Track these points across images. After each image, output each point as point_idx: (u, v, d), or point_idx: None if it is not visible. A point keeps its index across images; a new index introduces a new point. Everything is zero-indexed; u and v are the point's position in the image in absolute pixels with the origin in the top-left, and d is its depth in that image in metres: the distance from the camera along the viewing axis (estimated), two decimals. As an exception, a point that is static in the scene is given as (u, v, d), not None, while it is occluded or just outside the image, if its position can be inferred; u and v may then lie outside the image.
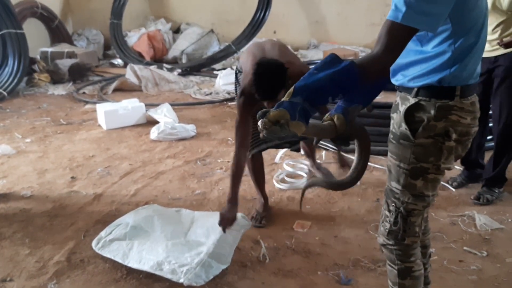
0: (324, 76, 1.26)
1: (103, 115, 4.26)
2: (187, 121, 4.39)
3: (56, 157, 3.64)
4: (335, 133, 1.42)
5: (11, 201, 2.90)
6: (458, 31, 1.30)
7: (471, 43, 1.33)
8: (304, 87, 1.24)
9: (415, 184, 1.45)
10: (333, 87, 1.26)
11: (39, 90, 5.82)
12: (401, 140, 1.44)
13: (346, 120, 1.43)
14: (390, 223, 1.51)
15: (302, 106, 1.20)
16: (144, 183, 3.14)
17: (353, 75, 1.25)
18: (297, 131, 1.18)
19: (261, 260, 2.24)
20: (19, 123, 4.53)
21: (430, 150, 1.40)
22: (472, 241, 2.36)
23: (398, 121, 1.45)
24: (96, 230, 2.52)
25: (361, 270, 2.15)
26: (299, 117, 1.18)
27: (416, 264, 1.55)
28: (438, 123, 1.37)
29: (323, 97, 1.26)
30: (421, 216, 1.51)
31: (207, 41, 7.43)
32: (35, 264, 2.24)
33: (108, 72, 6.73)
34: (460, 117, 1.38)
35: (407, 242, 1.51)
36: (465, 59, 1.34)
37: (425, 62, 1.36)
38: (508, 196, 2.82)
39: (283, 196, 2.90)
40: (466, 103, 1.39)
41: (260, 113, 1.17)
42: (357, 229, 2.51)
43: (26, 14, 6.78)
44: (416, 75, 1.39)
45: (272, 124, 1.14)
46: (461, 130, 1.40)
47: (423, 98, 1.39)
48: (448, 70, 1.34)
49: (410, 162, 1.43)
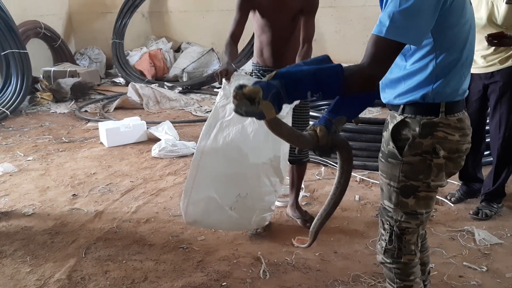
0: (308, 69, 1.24)
1: (104, 133, 4.30)
2: (188, 138, 4.42)
3: (57, 174, 3.66)
4: (316, 143, 1.42)
5: (13, 219, 2.92)
6: (439, 46, 1.31)
7: (454, 59, 1.34)
8: (286, 74, 1.21)
9: (406, 202, 1.44)
10: (314, 82, 1.22)
11: (42, 108, 5.88)
12: (389, 159, 1.44)
13: (328, 131, 1.42)
14: (386, 242, 1.51)
15: (278, 91, 1.17)
16: (145, 200, 3.16)
17: (337, 79, 1.23)
18: (266, 112, 1.15)
19: (262, 277, 2.25)
20: (21, 141, 4.57)
21: (418, 167, 1.40)
22: (471, 256, 2.37)
23: (387, 139, 1.46)
24: (97, 247, 2.53)
25: (361, 286, 2.15)
26: (271, 99, 1.15)
27: (415, 283, 1.53)
28: (424, 140, 1.37)
29: (302, 89, 1.21)
30: (416, 234, 1.50)
31: (207, 59, 7.52)
32: (36, 282, 2.25)
33: (110, 91, 6.80)
34: (447, 133, 1.37)
35: (403, 261, 1.50)
36: (448, 75, 1.34)
37: (408, 78, 1.37)
38: (507, 211, 2.83)
39: (282, 212, 2.92)
40: (452, 119, 1.38)
41: (238, 85, 1.16)
42: (357, 244, 2.52)
43: (30, 34, 6.88)
44: (401, 92, 1.40)
45: (244, 98, 1.14)
46: (449, 147, 1.39)
47: (409, 115, 1.39)
48: (431, 86, 1.34)
49: (400, 180, 1.43)
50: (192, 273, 2.24)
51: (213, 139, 2.23)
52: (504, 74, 2.59)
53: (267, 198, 2.38)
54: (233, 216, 2.28)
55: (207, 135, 2.24)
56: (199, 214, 2.26)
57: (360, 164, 3.54)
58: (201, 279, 2.20)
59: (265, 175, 2.31)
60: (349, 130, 3.61)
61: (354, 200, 3.06)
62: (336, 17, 7.08)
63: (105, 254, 2.46)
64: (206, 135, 2.25)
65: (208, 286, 2.16)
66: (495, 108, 2.67)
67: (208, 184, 2.23)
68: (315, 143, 1.41)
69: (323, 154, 1.47)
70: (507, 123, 2.66)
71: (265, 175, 2.31)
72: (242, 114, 1.15)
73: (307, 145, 1.42)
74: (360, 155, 3.59)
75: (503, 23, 2.50)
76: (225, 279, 2.20)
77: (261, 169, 2.28)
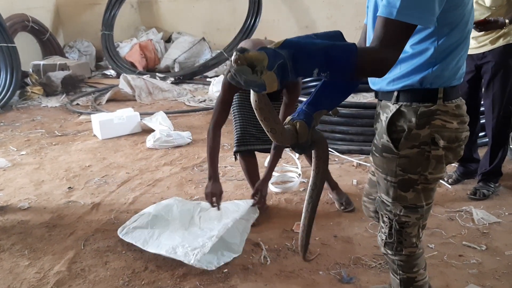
0: (321, 43, 1.08)
1: (98, 125, 4.26)
2: (182, 129, 4.40)
3: (52, 168, 3.62)
4: (295, 140, 1.28)
5: (9, 213, 2.88)
6: (442, 28, 1.23)
7: (455, 41, 1.26)
8: (296, 44, 1.05)
9: (405, 196, 1.37)
10: (326, 59, 1.06)
11: (32, 103, 5.81)
12: (384, 153, 1.36)
13: (308, 127, 1.29)
14: (386, 235, 1.46)
15: (285, 62, 1.02)
16: (142, 190, 3.14)
17: (350, 60, 1.08)
18: (268, 84, 1.00)
19: (263, 263, 2.24)
20: (13, 136, 4.52)
21: (416, 160, 1.32)
22: (470, 236, 2.38)
23: (380, 131, 1.37)
24: (96, 239, 2.52)
25: (362, 268, 2.16)
26: (276, 70, 1.00)
27: (419, 274, 1.49)
28: (421, 131, 1.29)
29: (310, 65, 1.05)
30: (417, 226, 1.43)
31: (198, 49, 7.46)
32: (35, 275, 2.23)
33: (101, 83, 6.74)
34: (445, 121, 1.30)
35: (405, 253, 1.46)
36: (447, 58, 1.27)
37: (406, 61, 1.28)
38: (504, 190, 2.85)
39: (281, 198, 2.91)
40: (451, 106, 1.31)
41: (239, 48, 1.00)
42: (356, 228, 2.52)
43: (17, 28, 6.78)
44: (396, 77, 1.31)
45: (246, 63, 0.98)
46: (448, 135, 1.31)
47: (404, 103, 1.30)
48: (430, 69, 1.27)
49: (397, 174, 1.35)
50: (192, 261, 2.23)
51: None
52: (495, 54, 2.59)
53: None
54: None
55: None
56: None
57: (357, 149, 3.54)
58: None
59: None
60: (344, 115, 3.61)
61: (352, 185, 3.06)
62: (327, 2, 7.05)
63: (104, 245, 2.44)
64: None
65: (209, 273, 2.15)
66: (488, 88, 2.68)
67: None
68: (295, 140, 1.28)
69: (302, 152, 1.35)
70: (501, 103, 2.67)
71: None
72: (240, 82, 1.00)
73: (286, 141, 1.27)
74: (356, 139, 3.59)
75: (491, 5, 2.51)
76: (226, 266, 2.19)
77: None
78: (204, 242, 2.21)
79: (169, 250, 2.20)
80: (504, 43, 2.56)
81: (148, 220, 2.46)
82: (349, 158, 3.46)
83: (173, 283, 2.10)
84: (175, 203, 2.60)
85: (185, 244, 2.22)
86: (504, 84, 2.63)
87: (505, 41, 2.56)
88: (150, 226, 2.43)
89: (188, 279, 2.12)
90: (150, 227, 2.43)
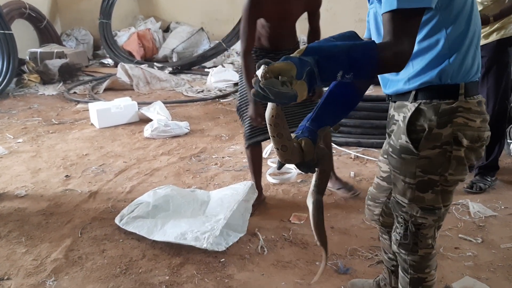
0: (342, 45, 1.06)
1: (95, 114, 4.25)
2: (180, 119, 4.39)
3: (49, 156, 3.61)
4: (301, 159, 1.21)
5: (5, 201, 2.88)
6: (446, 17, 1.21)
7: (463, 30, 1.23)
8: (318, 49, 1.02)
9: (423, 197, 1.32)
10: (349, 60, 1.03)
11: (29, 90, 5.77)
12: (403, 154, 1.30)
13: (314, 145, 1.23)
14: (401, 236, 1.41)
15: (312, 69, 0.99)
16: (139, 180, 3.13)
17: (372, 57, 1.05)
18: (300, 93, 0.96)
19: (260, 253, 2.25)
20: (10, 123, 4.49)
21: (438, 161, 1.27)
22: (466, 229, 2.40)
23: (397, 132, 1.31)
24: (93, 227, 2.52)
25: (359, 259, 2.17)
26: (306, 78, 0.97)
27: (430, 275, 1.46)
28: (443, 130, 1.24)
29: (335, 68, 1.03)
30: (434, 228, 1.39)
31: (197, 39, 7.42)
32: (32, 262, 2.23)
33: (99, 72, 6.70)
34: (468, 119, 1.24)
35: (420, 254, 1.41)
36: (462, 48, 1.23)
37: (417, 58, 1.25)
38: (500, 184, 2.87)
39: (278, 189, 2.92)
40: (473, 102, 1.25)
41: (263, 61, 0.97)
42: (353, 219, 2.53)
43: (14, 15, 6.71)
44: (411, 75, 1.26)
45: (273, 76, 0.94)
46: (471, 135, 1.25)
47: (423, 101, 1.25)
48: (447, 60, 1.22)
49: (417, 176, 1.29)
50: (190, 250, 2.23)
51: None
52: (488, 49, 2.60)
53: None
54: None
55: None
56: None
57: (354, 141, 3.55)
58: (199, 256, 2.20)
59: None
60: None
61: (349, 177, 3.07)
62: (327, -6, 7.01)
63: (101, 234, 2.45)
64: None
65: (206, 262, 2.16)
66: (482, 83, 2.68)
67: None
68: (301, 159, 1.21)
69: (308, 170, 1.25)
70: (495, 98, 2.67)
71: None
72: (267, 98, 0.94)
73: (294, 160, 1.20)
74: (354, 132, 3.59)
75: (482, 0, 2.52)
76: (223, 256, 2.20)
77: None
78: (212, 226, 2.29)
79: (178, 236, 2.24)
80: (498, 37, 2.57)
81: (148, 210, 2.48)
82: (347, 151, 3.47)
83: (170, 272, 2.10)
84: (172, 193, 2.61)
85: (193, 229, 2.27)
86: (498, 79, 2.64)
87: (498, 36, 2.57)
88: (151, 216, 2.45)
89: (186, 268, 2.13)
90: (151, 217, 2.45)
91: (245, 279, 2.05)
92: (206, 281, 2.03)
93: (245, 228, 2.39)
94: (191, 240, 2.22)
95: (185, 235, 2.25)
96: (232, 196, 2.52)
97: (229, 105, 4.99)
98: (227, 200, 2.50)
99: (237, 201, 2.46)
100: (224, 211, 2.41)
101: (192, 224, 2.34)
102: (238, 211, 2.42)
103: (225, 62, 6.85)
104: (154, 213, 2.48)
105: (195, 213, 2.51)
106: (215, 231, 2.25)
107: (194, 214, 2.50)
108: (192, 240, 2.22)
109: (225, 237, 2.27)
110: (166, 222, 2.39)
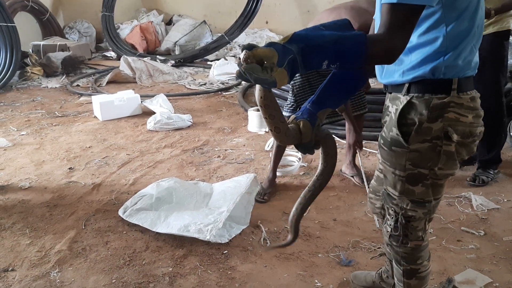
0: (329, 34, 1.05)
1: (98, 107, 4.25)
2: (182, 112, 4.39)
3: (52, 148, 3.62)
4: (299, 140, 1.23)
5: (9, 192, 2.89)
6: (449, 15, 1.19)
7: (464, 29, 1.21)
8: (304, 37, 1.02)
9: (413, 190, 1.33)
10: (335, 51, 1.03)
11: (32, 83, 5.78)
12: (393, 147, 1.31)
13: (312, 126, 1.23)
14: (391, 228, 1.43)
15: (294, 57, 0.98)
16: (142, 172, 3.14)
17: (360, 50, 1.05)
18: (279, 80, 0.97)
19: (263, 244, 2.26)
20: (14, 116, 4.51)
21: (428, 155, 1.28)
22: (469, 221, 2.40)
23: (389, 125, 1.32)
24: (97, 219, 2.53)
25: (361, 252, 2.18)
26: (287, 66, 0.97)
27: (422, 266, 1.48)
28: (433, 125, 1.25)
29: (320, 57, 1.02)
30: (424, 220, 1.40)
31: (199, 32, 7.41)
32: (37, 253, 2.24)
33: (101, 65, 6.71)
34: (459, 114, 1.24)
35: (410, 246, 1.43)
36: (459, 46, 1.22)
37: (415, 51, 1.24)
38: (503, 177, 2.86)
39: (281, 182, 2.92)
40: (465, 98, 1.25)
41: (247, 45, 0.97)
42: (355, 212, 2.54)
43: (17, 8, 6.72)
44: (406, 68, 1.26)
45: (255, 61, 0.96)
46: (462, 130, 1.25)
47: (415, 95, 1.25)
48: (441, 58, 1.22)
49: (406, 168, 1.31)
50: (193, 242, 2.24)
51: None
52: (485, 41, 2.56)
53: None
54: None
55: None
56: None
57: (357, 134, 3.54)
58: (202, 248, 2.21)
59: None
60: (345, 100, 3.60)
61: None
62: (330, -13, 6.98)
63: (105, 226, 2.46)
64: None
65: (209, 254, 2.17)
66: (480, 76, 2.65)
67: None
68: (298, 140, 1.23)
69: (306, 152, 1.27)
70: (492, 91, 2.65)
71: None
72: (249, 80, 0.96)
73: (290, 141, 1.22)
74: (356, 125, 3.58)
75: None
76: (226, 247, 2.21)
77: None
78: (215, 218, 2.30)
79: (181, 228, 2.25)
80: (494, 30, 2.56)
81: (152, 203, 2.49)
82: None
83: (173, 263, 2.12)
84: (176, 185, 2.63)
85: (197, 221, 2.28)
86: (494, 73, 2.62)
87: (494, 29, 2.56)
88: (154, 208, 2.47)
89: (189, 259, 2.14)
90: (155, 209, 2.46)
91: (248, 271, 2.06)
92: (209, 272, 2.05)
93: (247, 220, 2.40)
94: (194, 232, 2.23)
95: (188, 227, 2.26)
96: (235, 189, 2.54)
97: (231, 97, 4.99)
98: (230, 192, 2.52)
99: (240, 194, 2.48)
100: (227, 203, 2.43)
101: (195, 216, 2.35)
102: (241, 203, 2.43)
103: (227, 55, 6.84)
104: (158, 205, 2.49)
105: (198, 205, 2.53)
106: (218, 223, 2.26)
107: (197, 206, 2.52)
108: (195, 232, 2.23)
109: (228, 229, 2.28)
110: (169, 214, 2.40)
